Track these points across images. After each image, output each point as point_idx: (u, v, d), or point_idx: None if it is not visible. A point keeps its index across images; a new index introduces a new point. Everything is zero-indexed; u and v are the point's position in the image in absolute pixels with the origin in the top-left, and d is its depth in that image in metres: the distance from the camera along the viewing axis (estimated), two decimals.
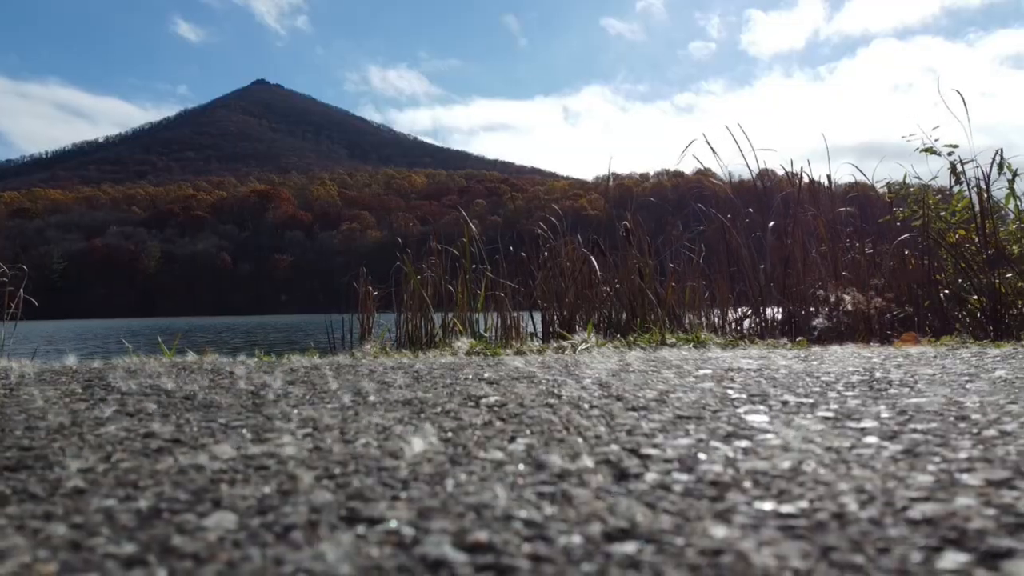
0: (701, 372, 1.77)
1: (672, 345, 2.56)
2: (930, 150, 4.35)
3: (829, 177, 4.93)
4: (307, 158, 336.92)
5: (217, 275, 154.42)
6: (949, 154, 4.29)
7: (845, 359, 2.14)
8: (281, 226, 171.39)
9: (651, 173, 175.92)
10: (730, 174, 4.90)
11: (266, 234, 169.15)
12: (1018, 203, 4.12)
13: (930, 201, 4.31)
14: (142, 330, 33.15)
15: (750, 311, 4.03)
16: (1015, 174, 4.02)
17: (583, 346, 2.41)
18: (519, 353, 2.52)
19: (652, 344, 2.56)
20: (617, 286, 4.13)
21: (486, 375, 1.79)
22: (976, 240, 4.00)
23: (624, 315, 4.00)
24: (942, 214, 4.29)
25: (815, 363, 2.02)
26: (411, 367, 2.10)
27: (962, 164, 4.16)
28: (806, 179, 4.75)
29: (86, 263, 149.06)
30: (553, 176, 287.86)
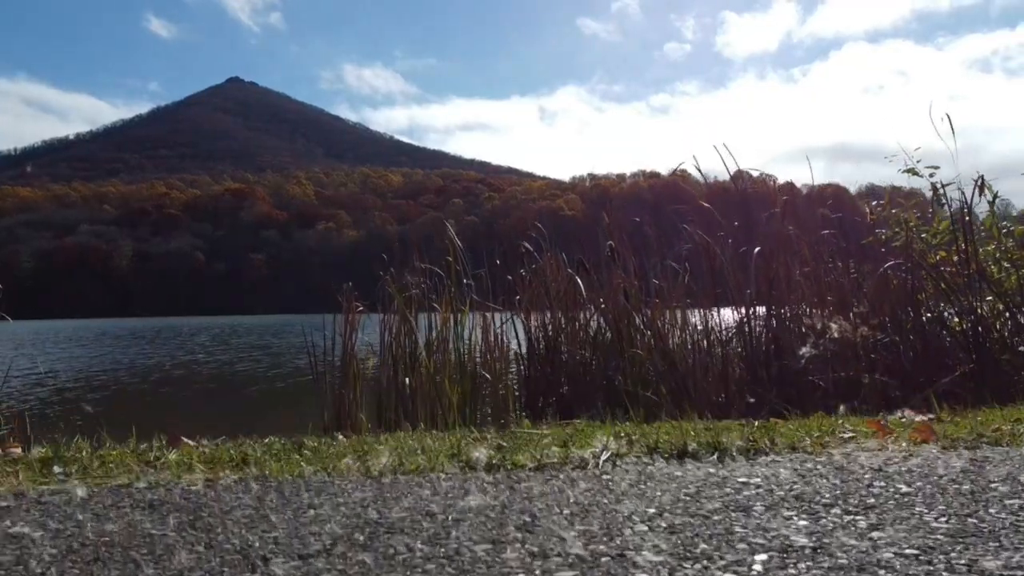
0: (758, 561, 1.59)
1: (694, 455, 2.47)
2: (912, 171, 4.41)
3: (810, 195, 4.97)
4: (282, 156, 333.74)
5: (191, 274, 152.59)
6: (931, 175, 4.36)
7: (884, 503, 1.94)
8: (256, 225, 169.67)
9: (628, 174, 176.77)
10: (705, 174, 4.91)
11: (241, 233, 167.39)
12: (996, 222, 4.19)
13: (911, 223, 4.37)
14: (114, 332, 32.44)
15: (734, 332, 4.05)
16: (995, 196, 4.10)
17: (604, 455, 2.35)
18: (539, 468, 2.36)
19: (674, 451, 2.49)
20: (603, 305, 4.15)
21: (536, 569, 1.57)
22: (957, 261, 4.06)
23: (609, 334, 4.01)
24: (923, 235, 4.35)
25: (862, 522, 1.81)
26: (444, 527, 1.83)
27: (943, 187, 4.23)
28: (786, 189, 4.77)
29: (57, 262, 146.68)
30: (530, 176, 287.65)
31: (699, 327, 4.19)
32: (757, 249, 4.10)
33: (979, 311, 3.77)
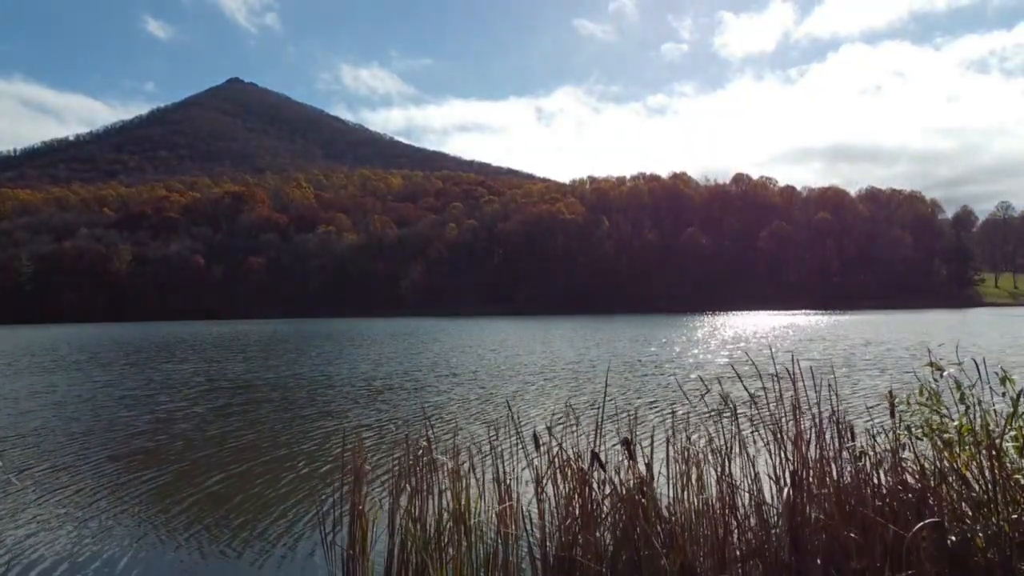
0: None
1: None
2: (936, 366, 4.29)
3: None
4: (282, 158, 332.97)
5: (190, 278, 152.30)
6: (953, 377, 4.24)
7: None
8: (256, 228, 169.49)
9: (628, 176, 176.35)
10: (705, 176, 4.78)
11: (240, 236, 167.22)
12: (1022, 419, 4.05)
13: (934, 426, 4.24)
14: (105, 348, 31.49)
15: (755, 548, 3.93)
16: (1020, 395, 3.96)
17: None
18: None
19: None
20: (619, 505, 4.03)
21: None
22: (980, 464, 3.92)
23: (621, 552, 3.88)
24: (946, 435, 4.22)
25: None
26: None
27: (971, 388, 4.11)
28: (787, 193, 4.66)
29: (57, 266, 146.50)
30: (530, 178, 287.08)
31: (719, 514, 4.06)
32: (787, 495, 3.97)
33: (1006, 530, 3.61)
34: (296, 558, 5.96)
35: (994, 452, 3.84)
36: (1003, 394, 4.10)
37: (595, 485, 4.14)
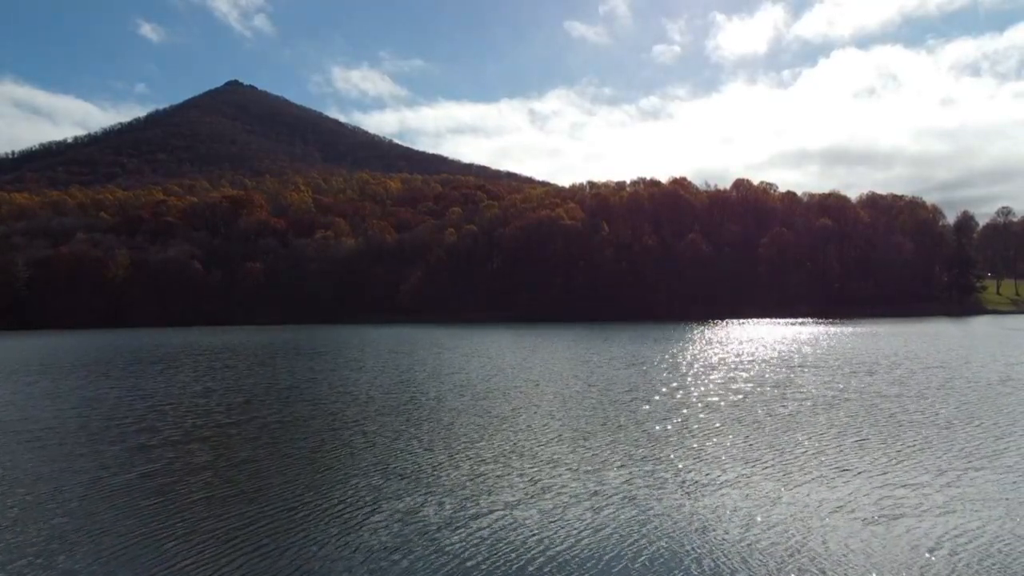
0: None
1: None
2: None
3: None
4: (280, 160, 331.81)
5: (187, 283, 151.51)
6: None
7: None
8: (254, 233, 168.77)
9: (627, 182, 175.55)
10: (706, 183, 4.09)
11: (238, 241, 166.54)
12: None
13: None
14: (87, 359, 29.32)
15: None
16: None
17: None
18: None
19: None
20: None
21: None
22: None
23: None
24: None
25: None
26: None
27: None
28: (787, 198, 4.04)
29: (53, 271, 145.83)
30: (529, 181, 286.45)
31: None
32: None
33: None
34: None
35: None
36: None
37: None
